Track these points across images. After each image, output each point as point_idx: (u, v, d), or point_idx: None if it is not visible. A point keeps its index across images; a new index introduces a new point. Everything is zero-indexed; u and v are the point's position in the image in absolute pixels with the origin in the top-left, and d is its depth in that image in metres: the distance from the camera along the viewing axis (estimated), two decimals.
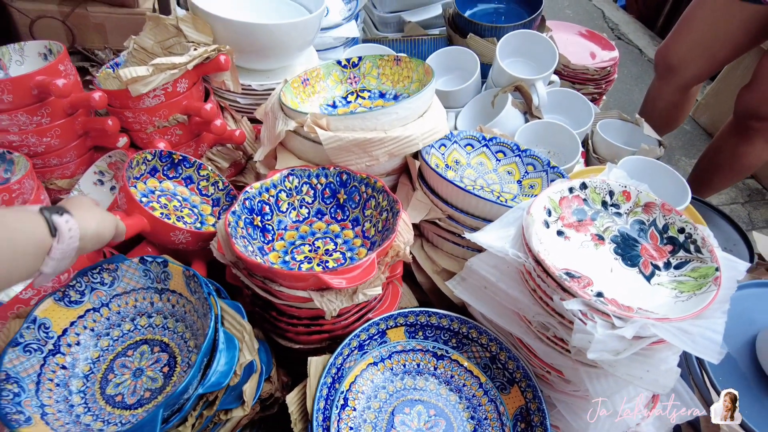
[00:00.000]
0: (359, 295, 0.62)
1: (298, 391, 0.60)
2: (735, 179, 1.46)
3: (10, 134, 0.76)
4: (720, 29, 1.19)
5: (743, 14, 1.13)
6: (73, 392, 0.56)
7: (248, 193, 0.68)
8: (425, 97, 0.75)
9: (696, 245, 0.63)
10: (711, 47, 1.22)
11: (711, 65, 1.27)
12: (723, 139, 1.41)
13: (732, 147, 1.38)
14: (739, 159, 1.38)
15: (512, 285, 0.62)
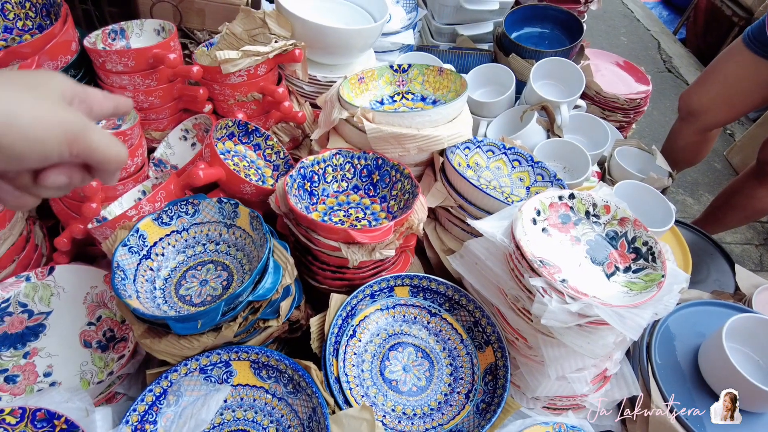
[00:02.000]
0: (376, 253, 0.79)
1: (320, 317, 0.78)
2: (746, 221, 1.56)
3: (127, 91, 0.97)
4: (744, 85, 1.29)
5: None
6: (157, 288, 0.76)
7: (304, 163, 0.87)
8: (455, 106, 0.92)
9: (653, 256, 0.77)
10: (732, 99, 1.33)
11: (730, 115, 1.37)
12: (743, 181, 1.51)
13: (750, 190, 1.48)
14: (754, 202, 1.48)
15: (497, 264, 0.78)
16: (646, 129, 2.16)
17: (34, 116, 0.31)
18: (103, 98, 0.40)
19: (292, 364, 0.72)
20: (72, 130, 0.33)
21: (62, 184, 0.36)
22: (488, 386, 0.77)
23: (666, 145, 1.58)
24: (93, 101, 0.39)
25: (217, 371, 0.74)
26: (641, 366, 0.85)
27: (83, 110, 0.38)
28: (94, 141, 0.35)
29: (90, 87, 0.40)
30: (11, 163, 0.32)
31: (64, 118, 0.33)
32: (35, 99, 0.33)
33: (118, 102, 0.42)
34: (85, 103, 0.38)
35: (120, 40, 1.04)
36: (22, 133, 0.31)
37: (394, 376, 0.78)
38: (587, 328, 0.70)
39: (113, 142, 0.36)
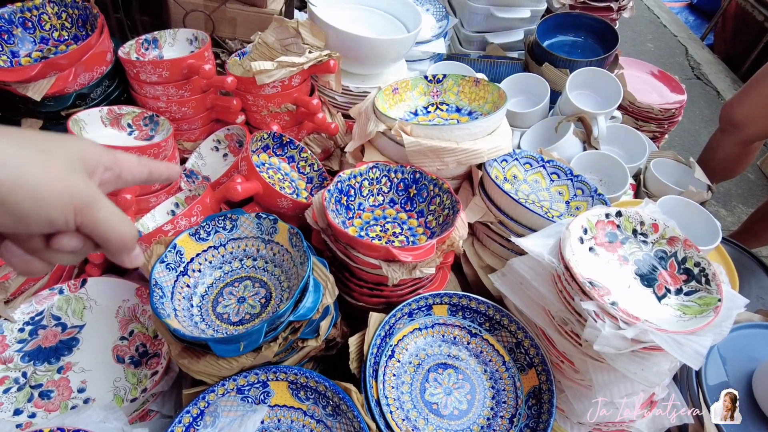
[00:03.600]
0: (417, 271, 0.77)
1: (358, 336, 0.76)
2: None
3: (159, 101, 0.96)
4: None
5: None
6: (194, 305, 0.74)
7: (341, 177, 0.85)
8: (495, 119, 0.89)
9: (707, 278, 0.74)
10: None
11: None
12: None
13: None
14: None
15: (543, 284, 0.75)
16: (675, 138, 2.11)
17: (44, 178, 0.30)
18: (137, 164, 0.39)
19: (333, 386, 0.70)
20: (80, 200, 0.32)
21: (75, 249, 0.34)
22: (532, 410, 0.75)
23: (703, 157, 1.54)
24: (123, 167, 0.38)
25: (255, 391, 0.72)
26: (690, 390, 0.81)
27: (109, 177, 0.37)
28: (100, 217, 0.33)
29: (123, 153, 0.39)
30: (18, 224, 0.31)
31: (74, 187, 0.32)
32: (49, 162, 0.31)
33: (155, 167, 0.41)
34: (112, 170, 0.37)
35: (153, 49, 1.04)
36: (30, 194, 0.30)
37: (435, 399, 0.76)
38: (640, 353, 0.67)
39: (121, 222, 0.35)
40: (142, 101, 0.98)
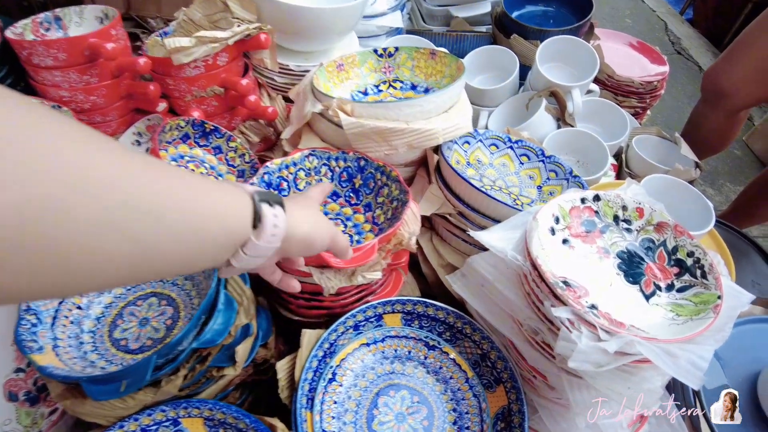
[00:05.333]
0: (358, 277, 0.64)
1: (289, 360, 0.63)
2: None
3: (61, 90, 0.82)
4: None
5: None
6: (85, 331, 0.61)
7: (268, 168, 0.71)
8: (451, 93, 0.76)
9: (703, 271, 0.62)
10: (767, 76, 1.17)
11: (765, 93, 1.21)
12: None
13: None
14: None
15: (508, 286, 0.62)
16: (658, 115, 2.00)
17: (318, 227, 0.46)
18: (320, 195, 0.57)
19: (254, 422, 0.57)
20: (332, 234, 0.49)
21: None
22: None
23: (687, 131, 1.42)
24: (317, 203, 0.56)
25: (165, 431, 0.59)
26: (686, 400, 0.70)
27: None
28: (339, 241, 0.50)
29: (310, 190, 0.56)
30: (306, 252, 0.47)
31: (329, 226, 0.49)
32: (318, 213, 0.49)
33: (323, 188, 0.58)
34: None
35: (56, 30, 0.89)
36: (318, 236, 0.46)
37: (385, 428, 0.63)
38: (627, 368, 0.55)
39: (346, 240, 0.52)
40: (41, 90, 0.83)
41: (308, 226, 0.44)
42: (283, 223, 0.39)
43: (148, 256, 0.29)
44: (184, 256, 0.32)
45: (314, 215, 0.47)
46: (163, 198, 0.29)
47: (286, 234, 0.40)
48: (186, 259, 0.33)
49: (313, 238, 0.45)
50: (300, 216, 0.43)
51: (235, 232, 0.37)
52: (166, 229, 0.30)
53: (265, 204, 0.38)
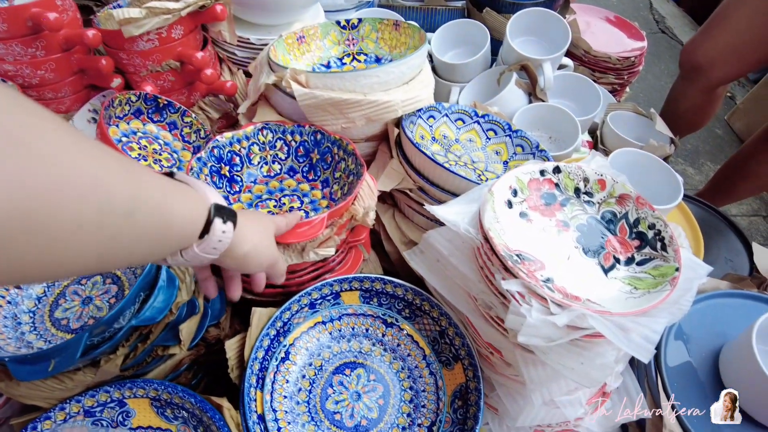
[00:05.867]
0: (310, 254, 0.62)
1: (239, 339, 0.61)
2: (759, 190, 1.40)
3: (5, 63, 0.78)
4: (757, 33, 1.11)
5: None
6: (24, 311, 0.58)
7: (218, 141, 0.69)
8: (410, 64, 0.74)
9: (663, 243, 0.60)
10: (745, 49, 1.15)
11: (742, 67, 1.20)
12: (754, 146, 1.34)
13: (763, 155, 1.32)
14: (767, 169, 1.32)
15: (463, 261, 0.61)
16: (640, 95, 1.98)
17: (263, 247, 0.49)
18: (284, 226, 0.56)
19: (200, 402, 0.55)
20: (271, 261, 0.51)
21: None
22: (458, 414, 0.61)
23: (666, 108, 1.40)
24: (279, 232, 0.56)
25: (109, 412, 0.58)
26: (648, 376, 0.69)
27: None
28: (278, 268, 0.53)
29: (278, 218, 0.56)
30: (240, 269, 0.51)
31: (271, 254, 0.51)
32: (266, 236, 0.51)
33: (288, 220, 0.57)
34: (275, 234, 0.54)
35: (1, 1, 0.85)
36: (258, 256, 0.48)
37: (339, 407, 0.62)
38: (579, 342, 0.53)
39: (284, 266, 0.55)
40: None
41: (249, 247, 0.46)
42: (228, 239, 0.41)
43: (116, 252, 0.31)
44: (143, 253, 0.35)
45: (262, 240, 0.49)
46: (136, 201, 0.31)
47: (226, 249, 0.42)
48: (143, 255, 0.36)
49: (248, 260, 0.47)
50: (247, 236, 0.45)
51: (184, 237, 0.39)
52: (136, 229, 0.32)
53: (219, 219, 0.40)
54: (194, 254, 0.40)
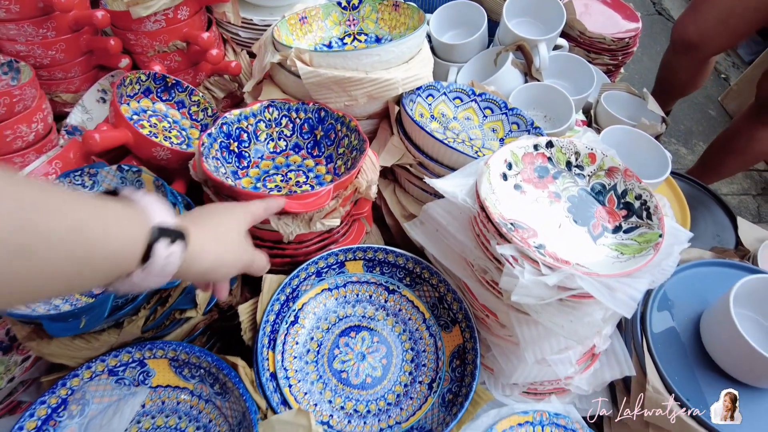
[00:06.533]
0: (317, 224, 0.66)
1: (251, 303, 0.65)
2: (746, 166, 1.44)
3: (17, 44, 0.81)
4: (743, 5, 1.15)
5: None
6: None
7: (227, 118, 0.72)
8: (410, 43, 0.76)
9: (648, 212, 0.64)
10: (735, 21, 1.18)
11: (733, 39, 1.23)
12: (741, 123, 1.38)
13: (749, 131, 1.35)
14: (755, 144, 1.36)
15: (460, 229, 0.65)
16: (635, 76, 2.00)
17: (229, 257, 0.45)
18: (263, 211, 0.54)
19: (216, 360, 0.59)
20: (243, 263, 0.48)
21: None
22: (456, 373, 0.66)
23: (660, 78, 1.44)
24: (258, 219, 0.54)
25: (131, 372, 0.62)
26: (635, 340, 0.73)
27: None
28: (256, 264, 0.50)
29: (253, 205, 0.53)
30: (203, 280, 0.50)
31: (239, 257, 0.47)
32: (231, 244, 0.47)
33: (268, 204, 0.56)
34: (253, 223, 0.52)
35: None
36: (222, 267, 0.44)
37: (345, 366, 0.66)
38: (569, 303, 0.57)
39: (262, 262, 0.51)
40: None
41: (209, 261, 0.42)
42: (177, 260, 0.37)
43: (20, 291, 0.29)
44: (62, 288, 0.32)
45: (228, 248, 0.45)
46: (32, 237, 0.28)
47: (180, 269, 0.38)
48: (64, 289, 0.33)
49: (213, 274, 0.44)
50: (206, 249, 0.42)
51: (119, 265, 0.35)
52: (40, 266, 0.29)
53: (163, 241, 0.36)
54: (141, 279, 0.36)
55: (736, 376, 0.68)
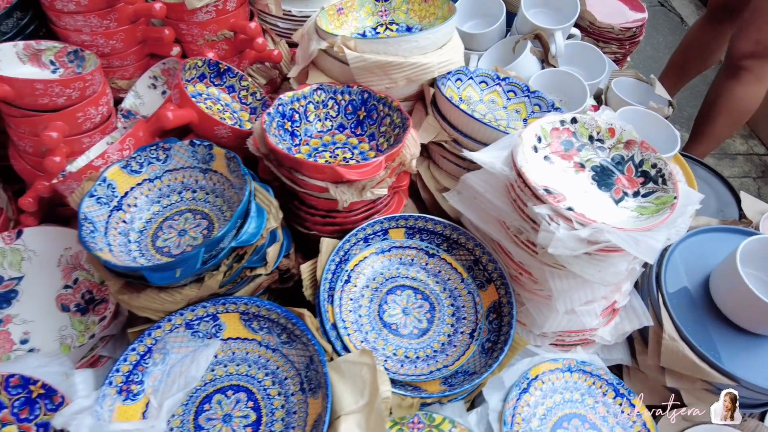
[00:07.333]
0: (368, 193, 0.73)
1: (311, 263, 0.73)
2: (735, 125, 1.53)
3: (83, 34, 0.88)
4: None
5: None
6: (131, 241, 0.70)
7: (282, 99, 0.80)
8: (444, 31, 0.84)
9: (663, 178, 0.72)
10: None
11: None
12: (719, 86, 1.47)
13: (729, 92, 1.45)
14: (737, 103, 1.46)
15: (497, 196, 0.72)
16: (639, 65, 2.08)
17: None
18: None
19: (285, 312, 0.67)
20: None
21: None
22: (493, 324, 0.74)
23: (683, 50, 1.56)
24: None
25: (205, 325, 0.69)
26: (651, 296, 0.81)
27: None
28: None
29: None
30: None
31: None
32: None
33: None
34: None
35: None
36: None
37: (394, 319, 0.74)
38: (597, 256, 0.65)
39: None
40: (64, 35, 0.89)
41: None
42: None
43: None
44: None
45: None
46: None
47: None
48: None
49: None
50: None
51: None
52: None
53: None
54: None
55: (742, 325, 0.76)
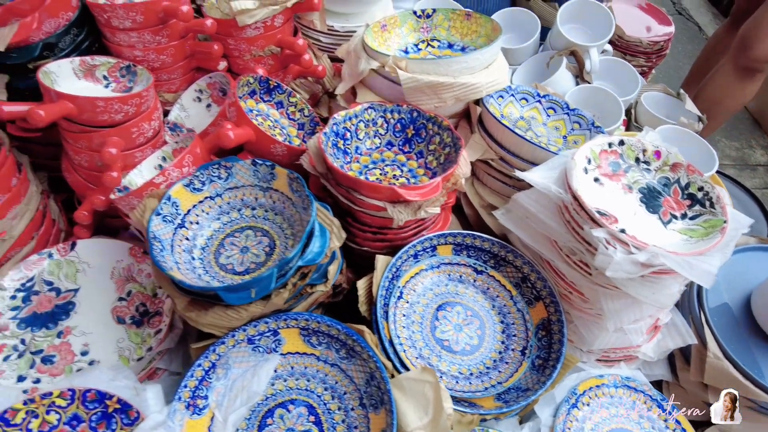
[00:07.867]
0: (422, 212, 0.75)
1: (366, 279, 0.75)
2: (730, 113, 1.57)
3: (136, 50, 0.90)
4: None
5: None
6: (195, 258, 0.72)
7: (336, 119, 0.81)
8: (492, 51, 0.86)
9: (711, 202, 0.74)
10: None
11: None
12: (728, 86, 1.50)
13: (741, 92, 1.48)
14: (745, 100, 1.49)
15: (549, 216, 0.74)
16: (660, 75, 2.09)
17: None
18: None
19: (345, 329, 0.69)
20: None
21: None
22: (542, 342, 0.76)
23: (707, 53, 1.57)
24: None
25: (265, 341, 0.71)
26: (693, 314, 0.83)
27: None
28: None
29: None
30: None
31: None
32: None
33: None
34: None
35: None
36: None
37: (446, 336, 0.76)
38: (650, 278, 0.67)
39: None
40: (117, 50, 0.91)
41: None
42: None
43: None
44: None
45: None
46: None
47: None
48: None
49: None
50: None
51: None
52: None
53: None
54: None
55: None
